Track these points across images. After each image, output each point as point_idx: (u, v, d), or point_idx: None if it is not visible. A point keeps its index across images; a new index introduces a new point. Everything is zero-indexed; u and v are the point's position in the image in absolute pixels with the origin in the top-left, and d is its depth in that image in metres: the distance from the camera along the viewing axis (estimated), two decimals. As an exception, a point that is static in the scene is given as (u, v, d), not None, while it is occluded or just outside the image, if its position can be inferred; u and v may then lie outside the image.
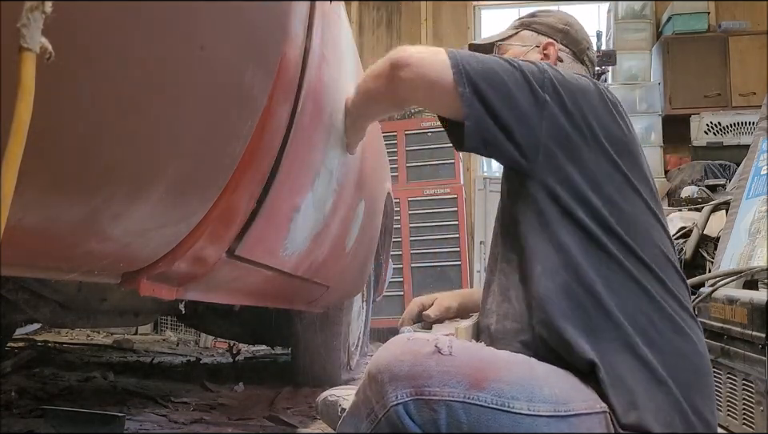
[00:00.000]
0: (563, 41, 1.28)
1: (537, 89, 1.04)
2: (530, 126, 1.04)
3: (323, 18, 1.29)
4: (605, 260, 1.01)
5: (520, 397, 0.91)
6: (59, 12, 0.44)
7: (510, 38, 1.32)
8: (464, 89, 1.04)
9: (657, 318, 1.00)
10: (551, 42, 1.26)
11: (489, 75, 1.05)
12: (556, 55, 1.25)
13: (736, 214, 2.18)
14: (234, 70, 0.86)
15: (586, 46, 1.30)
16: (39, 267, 0.90)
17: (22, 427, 1.82)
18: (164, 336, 4.59)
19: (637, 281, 1.01)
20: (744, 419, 1.65)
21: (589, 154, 1.05)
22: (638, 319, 0.99)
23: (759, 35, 5.04)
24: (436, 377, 0.89)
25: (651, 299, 1.00)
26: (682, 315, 1.03)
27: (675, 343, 0.99)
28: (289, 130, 1.16)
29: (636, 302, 1.00)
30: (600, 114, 1.07)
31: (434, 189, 4.72)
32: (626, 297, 1.00)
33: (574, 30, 1.30)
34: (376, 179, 2.22)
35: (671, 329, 1.00)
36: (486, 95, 1.03)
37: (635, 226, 1.05)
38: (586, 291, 1.00)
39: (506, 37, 1.33)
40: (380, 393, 0.91)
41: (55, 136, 0.62)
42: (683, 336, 1.01)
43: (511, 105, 1.04)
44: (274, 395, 2.49)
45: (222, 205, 1.02)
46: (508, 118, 1.03)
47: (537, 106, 1.04)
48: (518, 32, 1.32)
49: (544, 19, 1.31)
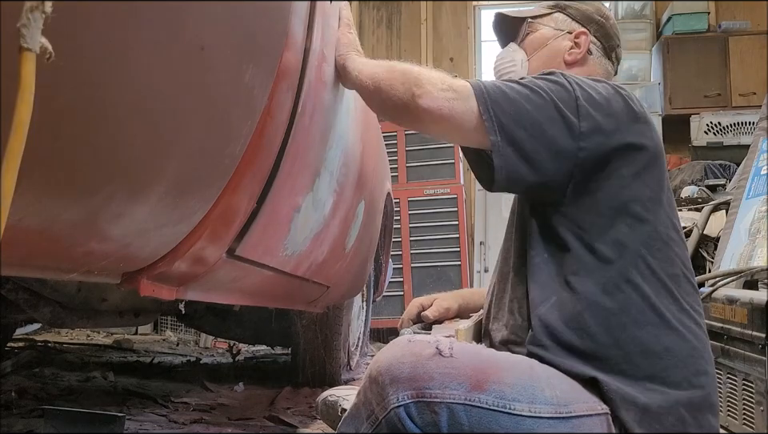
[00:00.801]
0: (596, 33, 1.24)
1: (571, 120, 1.00)
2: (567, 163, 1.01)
3: (323, 18, 1.29)
4: (624, 287, 0.99)
5: (521, 399, 0.90)
6: (59, 12, 0.44)
7: (542, 17, 1.28)
8: (496, 138, 1.00)
9: (671, 342, 0.99)
10: (584, 32, 1.23)
11: (521, 117, 1.00)
12: (587, 47, 1.22)
13: (736, 214, 2.18)
14: (234, 71, 0.86)
15: (616, 42, 1.27)
16: (39, 267, 0.90)
17: (21, 427, 1.82)
18: (164, 336, 4.58)
19: (653, 306, 0.99)
20: (744, 419, 1.65)
21: (623, 170, 1.02)
22: (650, 348, 0.97)
23: (759, 35, 5.04)
24: (437, 379, 0.89)
25: (666, 323, 0.99)
26: (696, 330, 1.02)
27: (688, 365, 0.99)
28: (289, 130, 1.16)
29: (652, 332, 0.98)
30: (629, 126, 1.04)
31: (434, 189, 4.72)
32: (642, 327, 0.98)
33: (609, 25, 1.26)
34: (376, 179, 2.22)
35: (685, 351, 0.99)
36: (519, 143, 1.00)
37: (656, 242, 1.03)
38: (598, 323, 0.98)
39: (539, 15, 1.28)
40: (381, 395, 0.91)
41: (55, 136, 0.62)
42: (697, 358, 1.00)
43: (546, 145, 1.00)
44: (274, 395, 2.49)
45: (222, 205, 1.02)
46: (543, 161, 1.00)
47: (572, 139, 1.00)
48: (552, 13, 1.27)
49: (581, 6, 1.27)
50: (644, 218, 1.02)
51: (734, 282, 1.88)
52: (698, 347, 1.02)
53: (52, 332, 4.14)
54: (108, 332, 4.42)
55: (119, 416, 1.67)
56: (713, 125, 4.90)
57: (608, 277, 1.00)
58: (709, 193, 3.45)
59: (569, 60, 1.22)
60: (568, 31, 1.24)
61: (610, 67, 1.26)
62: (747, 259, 1.95)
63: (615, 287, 0.99)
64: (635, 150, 1.03)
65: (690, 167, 4.69)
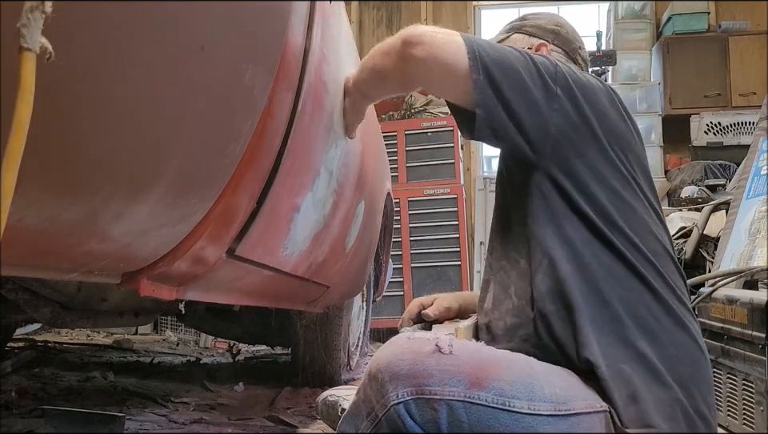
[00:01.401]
0: (555, 41, 1.28)
1: (548, 81, 1.04)
2: (541, 118, 1.04)
3: (323, 18, 1.29)
4: (608, 253, 1.02)
5: (521, 396, 0.91)
6: (59, 12, 0.44)
7: (502, 42, 1.31)
8: (478, 75, 1.03)
9: (657, 311, 1.00)
10: (543, 44, 1.27)
11: (503, 63, 1.04)
12: (549, 54, 1.24)
13: (736, 214, 2.18)
14: (234, 70, 0.86)
15: (578, 45, 1.31)
16: (39, 267, 0.90)
17: (22, 427, 1.82)
18: (164, 336, 4.59)
19: (639, 274, 1.01)
20: (744, 419, 1.65)
21: (595, 148, 1.05)
22: (639, 312, 0.99)
23: (759, 35, 5.05)
24: (437, 376, 0.89)
25: (652, 291, 1.01)
26: (681, 309, 1.03)
27: (676, 337, 1.00)
28: (289, 130, 1.16)
29: (638, 295, 1.01)
30: (607, 112, 1.08)
31: (434, 189, 4.72)
32: (628, 289, 1.00)
33: (565, 31, 1.31)
34: (376, 179, 2.22)
35: (672, 322, 1.01)
36: (499, 83, 1.03)
37: (637, 220, 1.05)
38: (589, 284, 1.00)
39: (499, 41, 1.32)
40: (380, 392, 0.91)
41: (55, 136, 0.62)
42: (683, 329, 1.01)
43: (523, 95, 1.03)
44: (274, 395, 2.49)
45: (222, 205, 1.02)
46: (519, 108, 1.03)
47: (548, 98, 1.04)
48: (510, 35, 1.32)
49: (534, 21, 1.31)
50: (620, 195, 1.05)
51: (734, 282, 1.88)
52: (696, 347, 1.02)
53: (52, 332, 4.14)
54: (108, 332, 4.43)
55: (119, 416, 1.67)
56: (713, 125, 4.90)
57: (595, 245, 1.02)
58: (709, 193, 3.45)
59: None
60: (528, 47, 1.26)
61: (578, 70, 1.28)
62: (747, 259, 1.95)
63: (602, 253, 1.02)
64: (611, 132, 1.07)
65: (690, 167, 4.70)
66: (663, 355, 0.97)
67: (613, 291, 1.00)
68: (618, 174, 1.06)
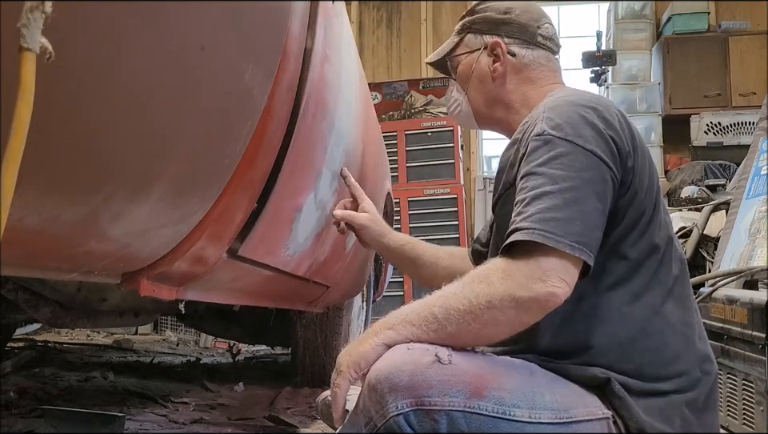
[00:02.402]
0: (508, 33, 1.17)
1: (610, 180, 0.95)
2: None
3: (325, 18, 1.29)
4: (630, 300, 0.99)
5: (521, 405, 0.90)
6: (59, 12, 0.44)
7: (456, 48, 1.24)
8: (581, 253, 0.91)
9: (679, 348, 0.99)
10: (496, 41, 1.17)
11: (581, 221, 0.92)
12: (506, 51, 1.16)
13: (736, 214, 2.18)
14: (234, 70, 0.86)
15: (535, 26, 1.18)
16: (39, 267, 0.90)
17: (21, 427, 1.82)
18: (164, 336, 4.59)
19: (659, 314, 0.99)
20: (744, 419, 1.65)
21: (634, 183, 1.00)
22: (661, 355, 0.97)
23: (759, 35, 5.05)
24: (436, 387, 0.89)
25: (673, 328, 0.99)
26: (699, 329, 1.03)
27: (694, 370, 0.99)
28: (291, 130, 1.16)
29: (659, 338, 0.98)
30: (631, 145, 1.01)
31: (434, 189, 4.72)
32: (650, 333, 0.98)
33: (516, 15, 1.18)
34: (376, 179, 2.22)
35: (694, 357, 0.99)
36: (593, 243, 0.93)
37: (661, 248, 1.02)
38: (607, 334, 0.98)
39: (451, 48, 1.25)
40: (379, 403, 0.90)
41: (55, 136, 0.62)
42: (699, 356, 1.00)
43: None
44: (274, 395, 2.49)
45: (222, 205, 1.02)
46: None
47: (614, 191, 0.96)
48: (462, 38, 1.23)
49: (482, 15, 1.21)
50: (647, 228, 1.01)
51: (734, 282, 1.88)
52: (701, 347, 1.02)
53: (52, 332, 4.15)
54: (108, 332, 4.43)
55: (119, 416, 1.67)
56: (713, 125, 4.90)
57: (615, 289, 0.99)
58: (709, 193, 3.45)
59: (496, 76, 1.17)
60: (483, 47, 1.19)
61: (544, 56, 1.18)
62: (747, 259, 1.95)
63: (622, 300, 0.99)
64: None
65: (690, 167, 4.70)
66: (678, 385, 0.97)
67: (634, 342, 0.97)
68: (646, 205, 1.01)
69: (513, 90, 1.17)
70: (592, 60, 4.57)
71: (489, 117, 1.22)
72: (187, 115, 0.81)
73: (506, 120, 1.19)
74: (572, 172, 0.93)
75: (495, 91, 1.18)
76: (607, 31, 5.52)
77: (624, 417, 0.93)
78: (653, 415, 0.94)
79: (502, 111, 1.19)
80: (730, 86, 5.04)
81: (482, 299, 0.88)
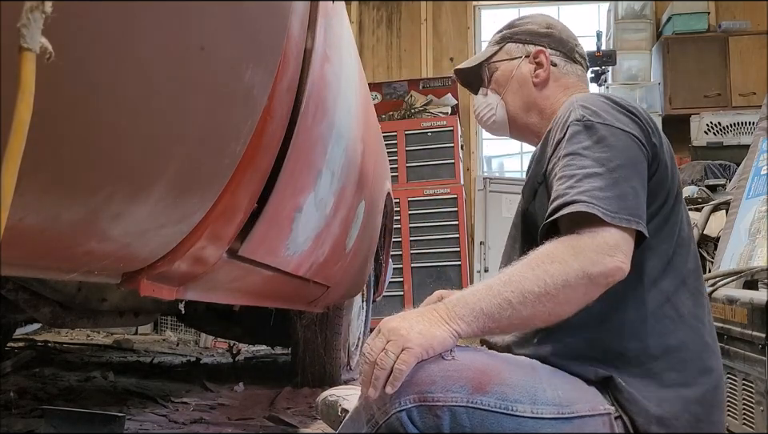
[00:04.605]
0: (551, 45, 1.26)
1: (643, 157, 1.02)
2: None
3: (325, 18, 1.29)
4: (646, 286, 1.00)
5: (523, 400, 0.90)
6: (59, 12, 0.44)
7: (497, 54, 1.29)
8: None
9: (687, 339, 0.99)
10: (540, 50, 1.25)
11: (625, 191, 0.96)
12: (549, 61, 1.24)
13: (736, 214, 2.18)
14: (234, 70, 0.86)
15: (574, 43, 1.29)
16: (39, 267, 0.90)
17: (21, 427, 1.82)
18: (164, 336, 4.59)
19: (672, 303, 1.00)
20: (744, 419, 1.65)
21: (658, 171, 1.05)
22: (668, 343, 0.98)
23: (759, 35, 5.05)
24: (439, 383, 0.89)
25: (683, 320, 1.00)
26: (708, 326, 1.03)
27: (701, 364, 0.99)
28: (291, 129, 1.16)
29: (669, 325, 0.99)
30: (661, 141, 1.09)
31: (434, 189, 4.72)
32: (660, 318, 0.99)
33: (558, 31, 1.28)
34: (376, 179, 2.23)
35: (699, 348, 1.00)
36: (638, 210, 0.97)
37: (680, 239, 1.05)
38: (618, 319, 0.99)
39: (491, 54, 1.30)
40: (382, 399, 0.91)
41: (55, 136, 0.62)
42: (708, 353, 1.01)
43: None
44: (274, 395, 2.49)
45: (223, 205, 1.02)
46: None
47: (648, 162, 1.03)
48: (503, 46, 1.29)
49: (525, 27, 1.29)
50: (670, 216, 1.03)
51: (734, 282, 1.88)
52: (709, 342, 1.02)
53: (52, 332, 4.14)
54: (108, 332, 4.43)
55: (119, 416, 1.67)
56: (713, 125, 4.90)
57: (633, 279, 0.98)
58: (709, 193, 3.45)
59: (537, 81, 1.24)
60: (525, 56, 1.26)
61: (579, 70, 1.28)
62: (747, 259, 1.95)
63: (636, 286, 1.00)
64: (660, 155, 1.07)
65: (690, 167, 4.69)
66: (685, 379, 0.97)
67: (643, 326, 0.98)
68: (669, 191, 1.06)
69: (549, 96, 1.24)
70: (592, 60, 4.56)
71: (523, 122, 1.27)
72: (187, 115, 0.81)
73: (538, 126, 1.24)
74: (616, 152, 0.98)
75: (534, 96, 1.25)
76: (607, 31, 5.51)
77: (632, 412, 0.93)
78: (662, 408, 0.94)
79: (536, 116, 1.25)
80: (730, 86, 5.04)
81: (558, 279, 0.88)
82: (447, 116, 4.87)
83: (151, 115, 0.74)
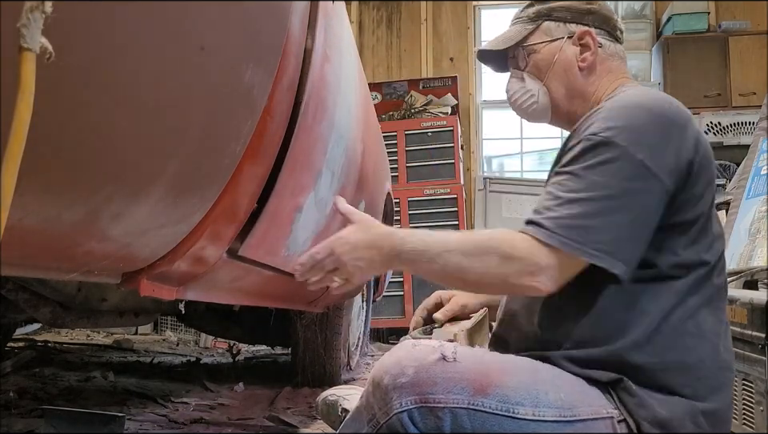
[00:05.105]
0: (595, 23, 1.12)
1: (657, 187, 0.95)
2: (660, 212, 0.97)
3: (325, 18, 1.29)
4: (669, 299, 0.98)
5: (525, 403, 0.90)
6: (59, 12, 0.44)
7: (532, 35, 1.14)
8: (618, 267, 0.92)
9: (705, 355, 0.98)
10: (586, 30, 1.11)
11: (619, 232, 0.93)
12: (596, 42, 1.12)
13: (736, 214, 2.18)
14: (234, 70, 0.86)
15: (615, 18, 1.16)
16: (39, 267, 0.90)
17: (21, 427, 1.82)
18: (164, 336, 4.58)
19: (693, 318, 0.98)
20: (744, 419, 1.65)
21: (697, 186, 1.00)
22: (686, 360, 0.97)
23: (759, 35, 5.04)
24: (441, 384, 0.89)
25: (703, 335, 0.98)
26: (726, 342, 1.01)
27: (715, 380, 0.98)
28: (291, 130, 1.16)
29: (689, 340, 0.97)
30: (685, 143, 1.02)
31: (434, 189, 4.72)
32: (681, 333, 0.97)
33: (599, 6, 1.14)
34: (376, 180, 2.22)
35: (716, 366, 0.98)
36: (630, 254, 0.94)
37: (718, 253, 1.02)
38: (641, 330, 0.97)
39: (528, 34, 1.15)
40: (383, 400, 0.91)
41: (55, 136, 0.62)
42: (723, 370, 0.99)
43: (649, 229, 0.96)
44: (274, 395, 2.49)
45: (223, 205, 1.02)
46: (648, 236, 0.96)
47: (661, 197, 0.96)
48: (539, 25, 1.14)
49: (563, 3, 1.13)
50: (698, 235, 0.99)
51: (734, 282, 1.88)
52: (727, 359, 1.00)
53: (52, 332, 4.14)
54: (108, 332, 4.42)
55: (119, 416, 1.66)
56: (713, 125, 4.90)
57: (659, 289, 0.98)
58: (709, 193, 3.44)
59: (584, 66, 1.12)
60: (567, 36, 1.12)
61: (621, 50, 1.17)
62: (747, 259, 1.95)
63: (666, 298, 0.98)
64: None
65: (690, 167, 4.69)
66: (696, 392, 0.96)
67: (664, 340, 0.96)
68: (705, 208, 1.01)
69: (593, 82, 1.13)
70: (592, 60, 4.57)
71: (566, 110, 1.15)
72: (187, 115, 0.81)
73: (580, 114, 1.11)
74: (614, 181, 0.93)
75: (579, 82, 1.13)
76: (607, 31, 5.51)
77: (640, 416, 0.92)
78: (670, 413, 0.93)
79: (580, 104, 1.13)
80: (730, 86, 5.04)
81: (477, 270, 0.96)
82: (447, 116, 4.87)
83: (151, 115, 0.74)
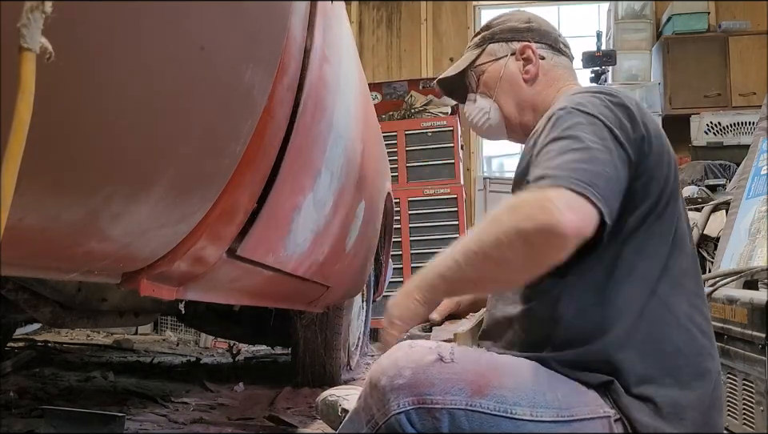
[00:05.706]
0: (535, 38, 1.22)
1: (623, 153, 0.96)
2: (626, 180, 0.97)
3: (324, 18, 1.29)
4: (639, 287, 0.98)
5: (522, 403, 0.90)
6: (59, 12, 0.44)
7: (479, 58, 1.25)
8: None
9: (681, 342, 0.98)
10: (526, 45, 1.21)
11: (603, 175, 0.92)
12: (537, 54, 1.21)
13: (736, 214, 2.18)
14: (234, 70, 0.86)
15: (556, 34, 1.25)
16: (39, 267, 0.90)
17: (21, 427, 1.82)
18: (164, 336, 4.58)
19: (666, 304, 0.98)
20: (744, 419, 1.65)
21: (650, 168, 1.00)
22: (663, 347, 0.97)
23: (759, 35, 5.05)
24: (438, 385, 0.89)
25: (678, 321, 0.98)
26: (703, 327, 1.01)
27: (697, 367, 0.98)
28: (290, 130, 1.16)
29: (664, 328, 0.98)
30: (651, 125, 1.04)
31: (434, 189, 4.72)
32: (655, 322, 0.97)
33: (538, 24, 1.25)
34: (376, 179, 2.22)
35: (695, 352, 0.98)
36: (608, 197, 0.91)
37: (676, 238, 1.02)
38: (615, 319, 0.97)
39: (474, 58, 1.26)
40: (381, 401, 0.91)
41: (55, 136, 0.62)
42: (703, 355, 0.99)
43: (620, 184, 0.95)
44: (274, 395, 2.49)
45: (222, 205, 1.02)
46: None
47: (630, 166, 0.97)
48: (485, 48, 1.25)
49: (504, 26, 1.25)
50: (664, 215, 1.00)
51: (734, 282, 1.88)
52: (705, 344, 1.01)
53: (52, 332, 4.14)
54: (108, 332, 4.42)
55: (119, 416, 1.67)
56: (713, 125, 4.90)
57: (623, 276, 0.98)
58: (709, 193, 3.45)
59: (528, 78, 1.21)
60: (510, 54, 1.22)
61: (566, 61, 1.24)
62: (747, 259, 1.95)
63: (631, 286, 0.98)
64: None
65: (690, 167, 4.69)
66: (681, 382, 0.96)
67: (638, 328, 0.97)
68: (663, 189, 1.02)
69: (541, 91, 1.20)
70: (592, 60, 4.56)
71: (518, 122, 1.22)
72: (187, 115, 0.81)
73: (533, 124, 1.15)
74: (596, 138, 0.93)
75: (526, 93, 1.21)
76: (607, 31, 5.51)
77: (633, 415, 0.93)
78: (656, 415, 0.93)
79: (530, 114, 1.20)
80: (730, 86, 5.04)
81: (491, 237, 0.87)
82: (447, 116, 4.86)
83: (151, 115, 0.74)
